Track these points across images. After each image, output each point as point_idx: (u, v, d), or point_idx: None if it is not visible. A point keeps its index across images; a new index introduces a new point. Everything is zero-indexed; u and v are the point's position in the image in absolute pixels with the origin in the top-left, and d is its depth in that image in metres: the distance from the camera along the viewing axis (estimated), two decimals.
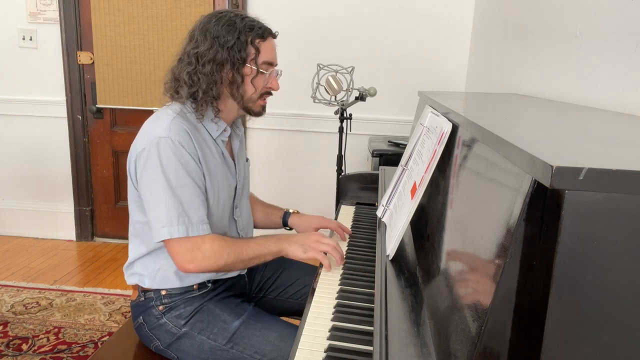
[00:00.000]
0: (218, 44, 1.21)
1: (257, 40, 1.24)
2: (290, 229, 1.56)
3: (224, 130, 1.30)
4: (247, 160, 1.49)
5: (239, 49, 1.21)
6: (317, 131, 2.97)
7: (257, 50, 1.24)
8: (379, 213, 1.28)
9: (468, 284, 0.65)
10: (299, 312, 1.07)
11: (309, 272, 1.49)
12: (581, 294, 0.47)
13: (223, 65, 1.22)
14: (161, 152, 1.15)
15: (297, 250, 1.25)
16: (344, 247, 1.39)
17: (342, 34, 2.85)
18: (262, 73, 1.26)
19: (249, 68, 1.24)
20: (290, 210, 1.57)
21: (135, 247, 1.30)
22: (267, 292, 1.49)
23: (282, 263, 1.53)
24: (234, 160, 1.37)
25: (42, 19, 2.99)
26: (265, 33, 1.26)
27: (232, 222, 1.38)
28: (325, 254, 1.24)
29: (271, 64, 1.28)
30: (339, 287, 1.14)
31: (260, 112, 1.32)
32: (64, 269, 2.82)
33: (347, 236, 1.47)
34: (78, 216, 3.24)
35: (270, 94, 1.33)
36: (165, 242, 1.18)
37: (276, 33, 1.31)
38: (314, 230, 1.49)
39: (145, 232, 1.25)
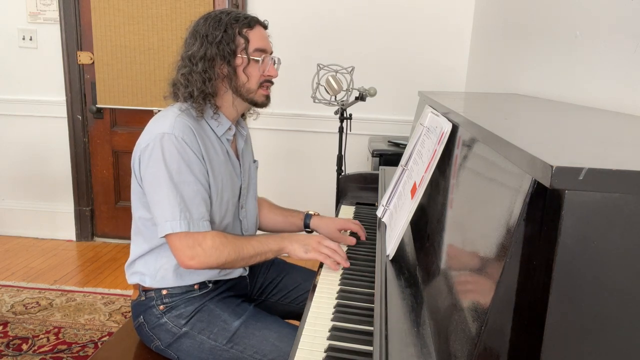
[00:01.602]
0: (207, 42, 1.22)
1: (245, 30, 1.25)
2: (311, 231, 1.52)
3: (229, 128, 1.30)
4: (255, 161, 1.48)
5: (227, 42, 1.23)
6: (317, 131, 2.97)
7: (246, 40, 1.25)
8: (379, 213, 1.27)
9: (468, 284, 0.65)
10: (300, 316, 1.06)
11: (311, 278, 1.48)
12: (581, 294, 0.47)
13: (215, 61, 1.23)
14: (165, 148, 1.16)
15: (299, 249, 1.25)
16: (344, 247, 1.39)
17: (342, 34, 2.85)
18: (255, 61, 1.26)
19: (240, 58, 1.25)
20: (311, 212, 1.54)
21: (137, 244, 1.30)
22: (269, 295, 1.48)
23: (284, 267, 1.52)
24: (238, 159, 1.38)
25: (42, 19, 2.99)
26: (252, 22, 1.27)
27: (237, 222, 1.38)
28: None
29: (263, 50, 1.28)
30: (339, 287, 1.14)
31: (264, 103, 1.32)
32: (64, 269, 2.82)
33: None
34: (78, 216, 3.24)
35: (270, 82, 1.32)
36: (167, 238, 1.18)
37: (265, 22, 1.31)
38: (336, 232, 1.46)
39: (148, 229, 1.26)
